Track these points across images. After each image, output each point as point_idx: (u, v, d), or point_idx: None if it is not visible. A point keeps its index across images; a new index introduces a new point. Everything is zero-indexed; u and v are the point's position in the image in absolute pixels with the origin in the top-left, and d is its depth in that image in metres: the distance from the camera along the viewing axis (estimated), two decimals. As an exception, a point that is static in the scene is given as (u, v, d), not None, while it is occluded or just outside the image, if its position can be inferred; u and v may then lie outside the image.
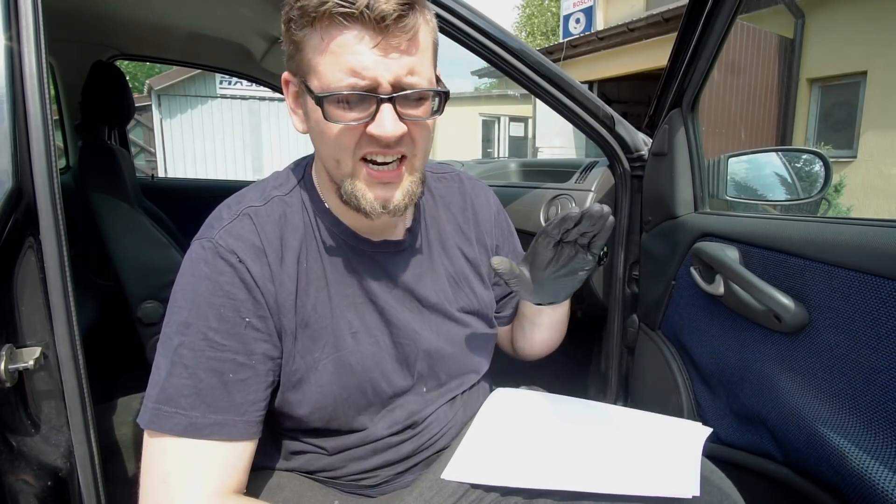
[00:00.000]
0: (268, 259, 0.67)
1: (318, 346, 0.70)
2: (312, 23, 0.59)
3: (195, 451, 0.61)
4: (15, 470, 0.65)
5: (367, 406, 0.75)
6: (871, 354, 0.72)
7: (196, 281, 0.64)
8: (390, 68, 0.60)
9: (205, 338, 0.62)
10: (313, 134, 0.67)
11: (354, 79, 0.59)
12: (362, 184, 0.66)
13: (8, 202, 0.64)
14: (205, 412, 0.61)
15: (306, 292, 0.70)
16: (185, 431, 0.61)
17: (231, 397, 0.63)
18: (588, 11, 10.36)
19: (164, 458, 0.61)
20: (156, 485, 0.61)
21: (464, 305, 0.84)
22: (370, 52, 0.59)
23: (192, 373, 0.62)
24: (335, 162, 0.66)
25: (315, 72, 0.61)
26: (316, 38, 0.60)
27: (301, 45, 0.61)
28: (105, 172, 1.68)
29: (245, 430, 0.64)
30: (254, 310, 0.65)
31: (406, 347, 0.77)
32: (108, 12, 1.82)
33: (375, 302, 0.75)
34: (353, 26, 0.58)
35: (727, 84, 6.39)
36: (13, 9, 0.66)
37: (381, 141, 0.62)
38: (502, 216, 0.95)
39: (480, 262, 0.89)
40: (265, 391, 0.67)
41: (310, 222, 0.73)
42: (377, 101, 0.61)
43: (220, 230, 0.67)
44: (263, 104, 10.87)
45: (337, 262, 0.73)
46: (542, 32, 20.70)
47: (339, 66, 0.59)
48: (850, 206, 5.77)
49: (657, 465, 0.71)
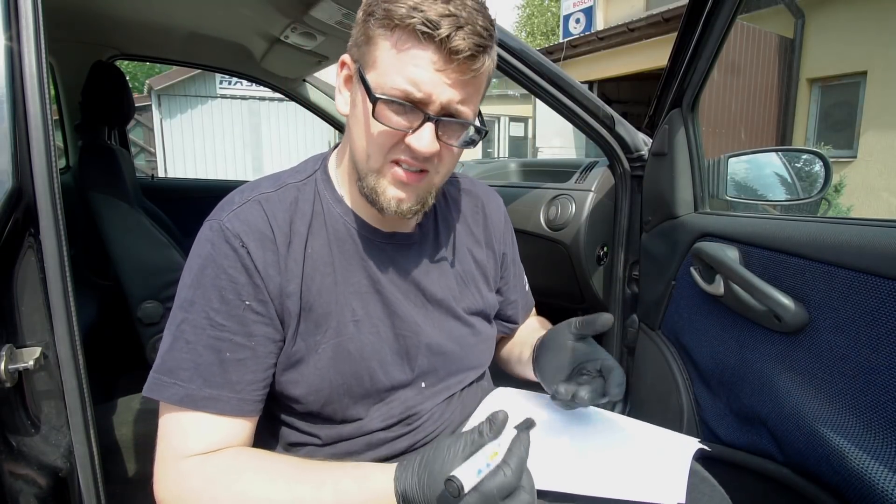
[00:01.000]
0: (275, 245, 0.69)
1: (321, 329, 0.72)
2: (393, 28, 0.62)
3: (191, 420, 0.65)
4: (15, 470, 0.65)
5: (362, 396, 0.75)
6: (871, 354, 0.72)
7: (202, 262, 0.67)
8: (445, 92, 0.63)
9: (206, 316, 0.66)
10: (353, 121, 0.70)
11: (411, 88, 0.63)
12: (385, 181, 0.69)
13: (8, 202, 0.64)
14: (201, 386, 0.65)
15: (312, 277, 0.71)
16: (182, 401, 0.65)
17: (227, 375, 0.66)
18: (588, 11, 10.36)
19: (166, 424, 0.67)
20: (160, 444, 0.67)
21: (469, 305, 0.85)
22: (434, 73, 0.62)
23: (193, 348, 0.65)
24: (366, 155, 0.69)
25: (377, 69, 0.64)
26: (391, 41, 0.63)
27: (373, 41, 0.64)
28: (105, 172, 1.68)
29: (239, 406, 0.67)
30: (254, 294, 0.67)
31: (407, 340, 0.77)
32: (108, 12, 1.82)
33: (381, 292, 0.76)
34: (428, 47, 0.62)
35: (727, 84, 6.39)
36: (13, 9, 0.66)
37: (414, 153, 0.66)
38: (510, 226, 0.98)
39: (488, 265, 0.90)
40: (264, 372, 0.69)
41: (321, 210, 0.75)
42: (424, 118, 0.64)
43: (230, 213, 0.69)
44: (263, 104, 10.87)
45: (346, 250, 0.74)
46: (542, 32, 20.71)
47: (402, 74, 0.63)
48: (850, 206, 5.78)
49: (645, 471, 0.71)
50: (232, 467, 0.65)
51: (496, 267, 0.93)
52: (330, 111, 2.53)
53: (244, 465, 0.65)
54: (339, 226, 0.75)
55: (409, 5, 0.60)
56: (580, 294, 1.49)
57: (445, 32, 0.60)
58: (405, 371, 0.78)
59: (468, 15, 0.62)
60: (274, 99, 10.68)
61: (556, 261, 1.45)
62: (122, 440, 1.71)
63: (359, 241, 0.75)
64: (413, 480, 0.59)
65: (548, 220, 1.47)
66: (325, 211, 0.75)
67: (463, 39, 0.61)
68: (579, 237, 1.37)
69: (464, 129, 0.69)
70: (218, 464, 0.65)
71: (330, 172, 0.78)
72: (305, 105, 2.53)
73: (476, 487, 0.56)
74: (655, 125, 1.24)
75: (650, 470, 0.72)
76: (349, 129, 0.72)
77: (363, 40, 0.65)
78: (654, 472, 0.71)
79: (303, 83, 2.45)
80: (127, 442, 1.72)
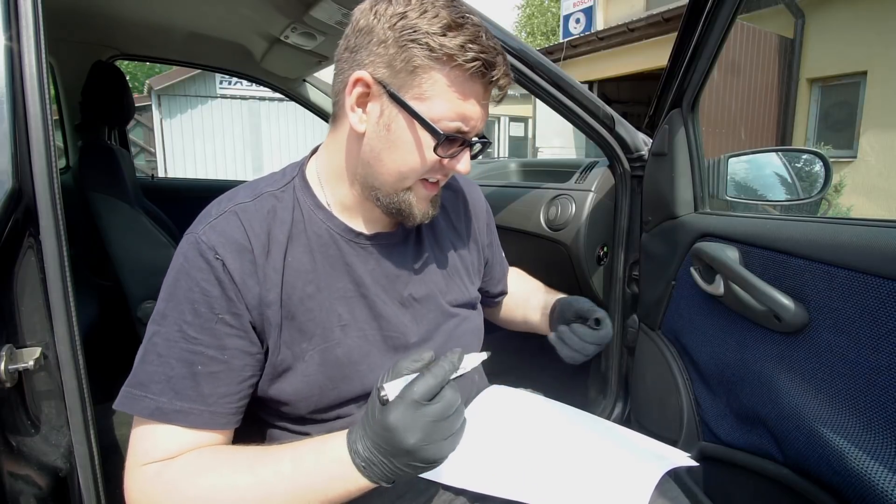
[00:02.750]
0: (253, 255, 0.69)
1: (306, 337, 0.72)
2: (445, 63, 0.65)
3: (161, 431, 0.66)
4: (15, 470, 0.65)
5: (352, 398, 0.75)
6: (870, 354, 0.72)
7: (175, 274, 0.68)
8: (483, 120, 0.71)
9: (179, 329, 0.66)
10: (380, 143, 0.70)
11: (460, 123, 0.68)
12: (416, 197, 0.74)
13: (8, 202, 0.64)
14: (171, 399, 0.65)
15: (293, 286, 0.71)
16: (152, 414, 0.65)
17: (199, 388, 0.66)
18: (588, 11, 10.36)
19: (136, 435, 0.67)
20: (129, 450, 0.67)
21: (455, 298, 0.86)
22: (479, 105, 0.69)
23: (165, 361, 0.65)
24: (400, 177, 0.71)
25: (425, 101, 0.67)
26: (443, 75, 0.66)
27: (420, 72, 0.65)
28: (105, 172, 1.68)
29: (211, 419, 0.67)
30: (227, 307, 0.67)
31: (396, 341, 0.78)
32: (108, 12, 1.82)
33: (366, 295, 0.76)
34: (479, 82, 0.67)
35: (727, 84, 6.39)
36: (13, 9, 0.66)
37: (457, 173, 0.73)
38: (490, 215, 1.01)
39: (471, 258, 0.92)
40: (238, 385, 0.69)
41: (301, 217, 0.74)
42: (466, 143, 0.71)
43: (206, 226, 0.69)
44: (263, 104, 10.86)
45: (329, 256, 0.74)
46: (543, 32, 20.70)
47: (456, 110, 0.67)
48: (850, 206, 5.77)
49: (609, 482, 0.70)
50: (194, 464, 0.65)
51: (479, 259, 0.95)
52: (330, 111, 2.53)
53: (207, 460, 0.65)
54: (322, 231, 0.74)
55: (457, 43, 0.63)
56: (580, 294, 1.49)
57: (497, 74, 0.66)
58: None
59: (495, 44, 0.67)
60: (274, 99, 10.67)
61: (556, 261, 1.45)
62: (122, 440, 1.71)
63: (342, 246, 0.75)
64: (359, 432, 0.62)
65: (548, 220, 1.47)
66: (305, 218, 0.74)
67: (506, 76, 0.68)
68: (579, 237, 1.37)
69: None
70: (181, 463, 0.65)
71: (308, 179, 0.78)
72: (305, 105, 2.53)
73: (400, 395, 0.59)
74: (655, 125, 1.24)
75: (616, 481, 0.70)
76: (374, 149, 0.70)
77: (402, 65, 0.65)
78: (619, 483, 0.70)
79: (303, 83, 2.45)
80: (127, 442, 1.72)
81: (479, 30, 0.65)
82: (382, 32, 0.65)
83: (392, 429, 0.58)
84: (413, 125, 0.67)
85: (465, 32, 0.64)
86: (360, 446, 0.61)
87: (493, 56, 0.65)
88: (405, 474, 0.60)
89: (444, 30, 0.63)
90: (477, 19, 0.66)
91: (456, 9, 0.65)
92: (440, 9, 0.65)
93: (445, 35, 0.63)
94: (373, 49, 0.66)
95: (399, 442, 0.58)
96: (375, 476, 0.60)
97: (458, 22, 0.64)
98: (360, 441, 0.61)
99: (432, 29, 0.63)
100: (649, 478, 0.70)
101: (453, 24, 0.64)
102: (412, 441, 0.58)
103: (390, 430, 0.58)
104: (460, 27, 0.64)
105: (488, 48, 0.65)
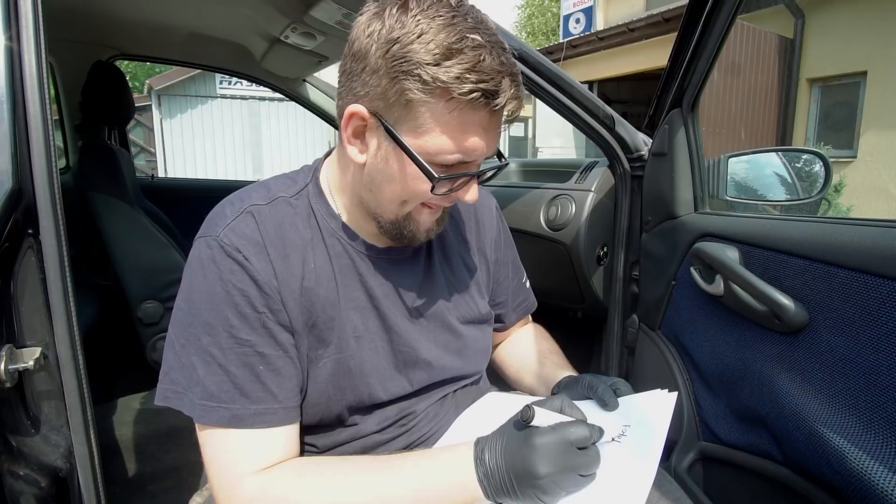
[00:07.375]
0: (269, 257, 0.68)
1: (323, 344, 0.71)
2: (441, 96, 0.59)
3: (241, 439, 0.65)
4: (15, 470, 0.65)
5: (360, 409, 0.75)
6: (871, 355, 0.72)
7: (209, 282, 0.66)
8: (491, 147, 0.65)
9: (229, 335, 0.65)
10: (381, 175, 0.67)
11: (461, 156, 0.63)
12: (419, 219, 0.72)
13: (8, 202, 0.64)
14: (245, 404, 0.65)
15: (315, 292, 0.70)
16: (231, 422, 0.64)
17: (266, 387, 0.66)
18: (588, 11, 10.36)
19: (216, 448, 0.65)
20: (212, 472, 0.65)
21: (463, 314, 0.85)
22: (483, 133, 0.63)
23: (226, 369, 0.65)
24: (400, 203, 0.69)
25: (421, 136, 0.62)
26: (439, 108, 0.60)
27: (414, 105, 0.60)
28: (105, 172, 1.69)
29: (286, 416, 0.67)
30: (265, 302, 0.67)
31: (405, 355, 0.77)
32: (108, 12, 1.82)
33: (378, 308, 0.75)
34: (481, 113, 0.61)
35: (727, 84, 6.39)
36: (13, 9, 0.66)
37: (462, 203, 0.71)
38: (505, 226, 0.97)
39: (479, 272, 0.89)
40: (297, 377, 0.69)
41: (317, 225, 0.74)
42: (475, 176, 0.67)
43: (224, 228, 0.67)
44: (263, 104, 10.86)
45: (343, 266, 0.74)
46: (543, 32, 20.70)
47: (454, 143, 0.62)
48: (850, 206, 5.77)
49: (609, 482, 0.69)
50: (304, 476, 0.65)
51: (488, 273, 0.92)
52: (330, 111, 2.53)
53: (314, 472, 0.65)
54: (336, 242, 0.74)
55: (453, 75, 0.57)
56: (580, 294, 1.49)
57: (503, 101, 0.59)
58: (403, 386, 0.78)
59: (510, 62, 0.60)
60: (274, 99, 10.67)
61: (556, 261, 1.45)
62: (122, 440, 1.71)
63: (355, 257, 0.75)
64: (493, 440, 0.63)
65: (548, 220, 1.47)
66: (321, 227, 0.74)
67: (514, 100, 0.61)
68: (579, 237, 1.37)
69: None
70: (288, 476, 0.64)
71: (322, 186, 0.76)
72: (305, 105, 2.53)
73: (554, 428, 0.59)
74: (655, 125, 1.24)
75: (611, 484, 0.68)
76: (374, 179, 0.68)
77: (396, 100, 0.60)
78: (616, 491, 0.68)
79: (303, 83, 2.45)
80: (127, 442, 1.72)
81: (481, 52, 0.57)
82: (374, 61, 0.60)
83: (534, 449, 0.59)
84: (416, 166, 0.64)
85: (462, 60, 0.57)
86: (487, 455, 0.62)
87: (495, 83, 0.58)
88: (513, 497, 0.60)
89: (439, 59, 0.57)
90: (481, 38, 0.58)
91: (455, 28, 0.58)
92: (439, 30, 0.57)
93: (440, 65, 0.57)
94: (366, 79, 0.62)
95: (532, 464, 0.58)
96: (488, 485, 0.61)
97: (456, 48, 0.57)
98: (490, 449, 0.62)
99: (426, 59, 0.57)
100: (646, 477, 0.70)
101: (449, 52, 0.57)
102: (543, 470, 0.58)
103: (530, 449, 0.59)
104: (458, 53, 0.57)
105: (491, 73, 0.58)
